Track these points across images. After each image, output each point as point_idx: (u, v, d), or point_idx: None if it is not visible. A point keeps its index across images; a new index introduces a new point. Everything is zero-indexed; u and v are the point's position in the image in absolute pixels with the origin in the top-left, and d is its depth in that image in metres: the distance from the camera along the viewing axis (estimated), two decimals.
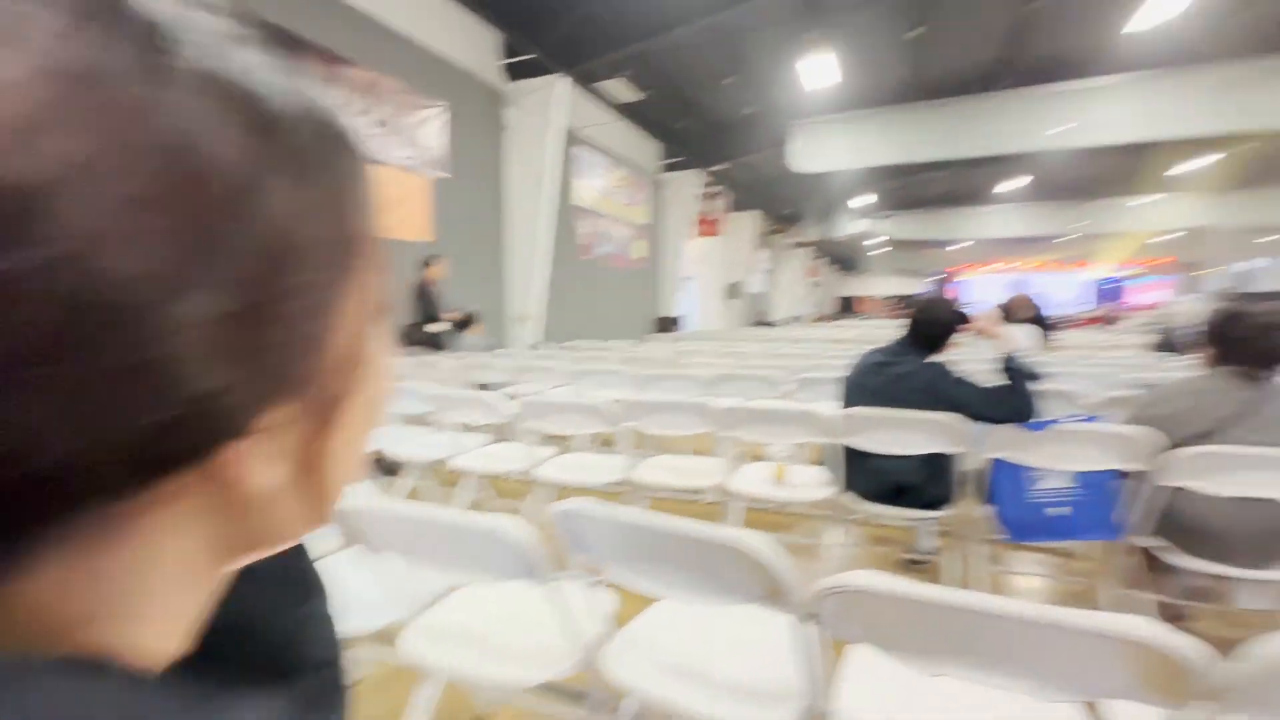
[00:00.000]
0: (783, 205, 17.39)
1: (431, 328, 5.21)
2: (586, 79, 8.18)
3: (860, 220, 17.90)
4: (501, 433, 3.86)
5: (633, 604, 1.29)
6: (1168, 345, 4.94)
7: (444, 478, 3.51)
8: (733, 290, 16.54)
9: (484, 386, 4.63)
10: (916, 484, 2.06)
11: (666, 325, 12.36)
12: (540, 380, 4.17)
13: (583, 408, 2.55)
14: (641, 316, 12.14)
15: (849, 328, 12.61)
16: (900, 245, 23.10)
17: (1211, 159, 11.48)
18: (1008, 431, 1.92)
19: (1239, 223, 15.47)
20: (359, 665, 1.75)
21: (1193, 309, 6.22)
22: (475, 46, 7.18)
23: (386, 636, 1.29)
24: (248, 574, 0.32)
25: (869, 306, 27.34)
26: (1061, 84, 8.32)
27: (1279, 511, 1.64)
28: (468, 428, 3.42)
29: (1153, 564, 2.07)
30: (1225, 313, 1.80)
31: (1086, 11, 7.29)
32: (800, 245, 22.15)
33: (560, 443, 4.23)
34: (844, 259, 27.84)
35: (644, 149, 11.70)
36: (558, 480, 2.65)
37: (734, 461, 2.50)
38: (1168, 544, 1.82)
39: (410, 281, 5.25)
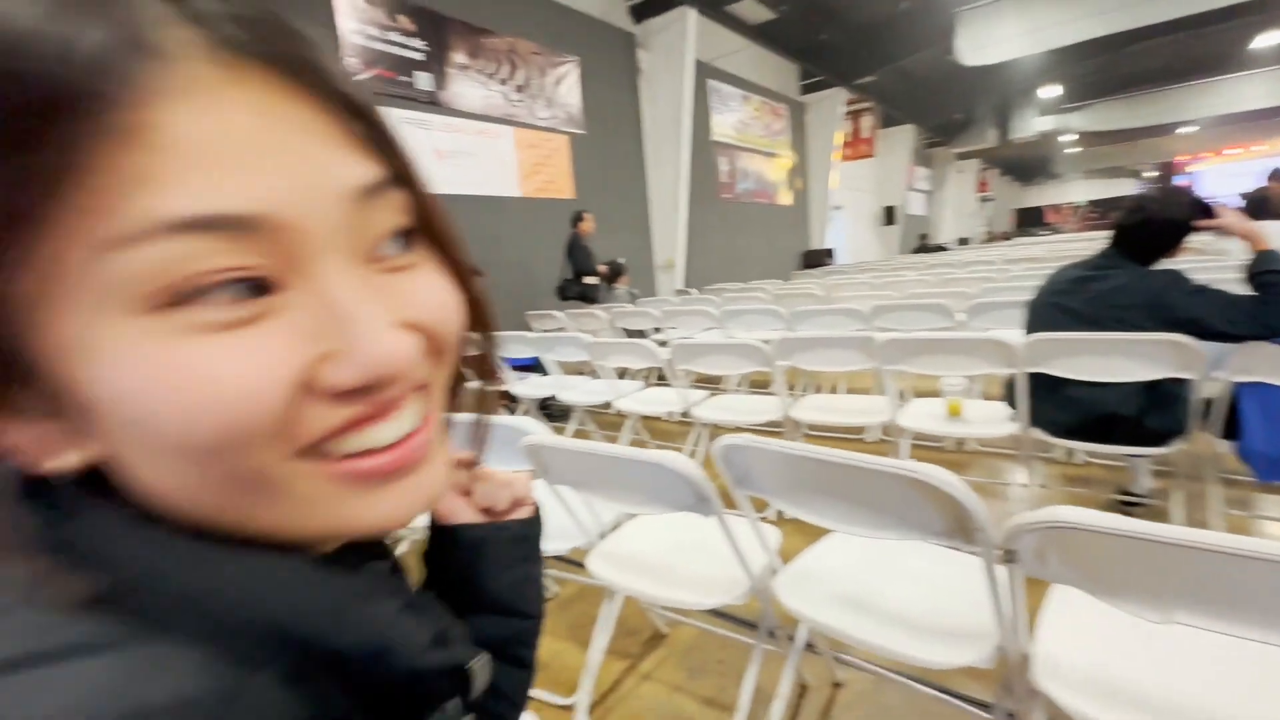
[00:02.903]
0: (945, 113, 15.33)
1: (588, 280, 5.45)
2: (714, 4, 7.74)
3: (1044, 118, 15.23)
4: (655, 377, 4.01)
5: (796, 541, 1.29)
6: None
7: (603, 421, 3.74)
8: (888, 216, 15.12)
9: (637, 333, 4.80)
10: (1131, 415, 1.78)
11: (816, 259, 11.67)
12: (688, 325, 4.21)
13: (736, 347, 2.53)
14: (788, 253, 11.60)
15: (1032, 245, 10.96)
16: (1097, 140, 19.22)
17: None
18: (1264, 350, 1.57)
19: None
20: (553, 584, 1.97)
21: None
22: None
23: (572, 559, 1.43)
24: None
25: (1057, 217, 23.51)
26: None
27: None
28: (624, 374, 3.59)
29: None
30: None
31: None
32: (965, 156, 19.45)
33: (711, 385, 4.28)
34: (1021, 167, 23.99)
35: (781, 72, 10.89)
36: (713, 420, 2.69)
37: (899, 398, 2.34)
38: None
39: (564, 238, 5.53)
